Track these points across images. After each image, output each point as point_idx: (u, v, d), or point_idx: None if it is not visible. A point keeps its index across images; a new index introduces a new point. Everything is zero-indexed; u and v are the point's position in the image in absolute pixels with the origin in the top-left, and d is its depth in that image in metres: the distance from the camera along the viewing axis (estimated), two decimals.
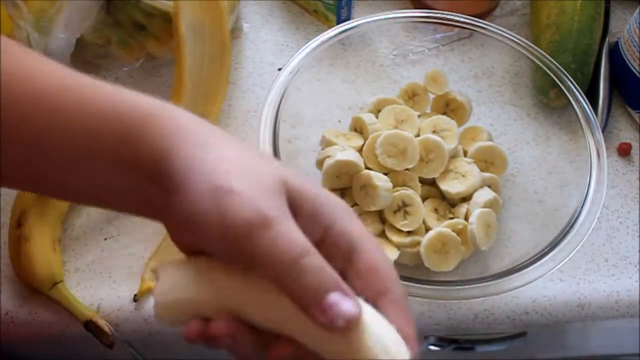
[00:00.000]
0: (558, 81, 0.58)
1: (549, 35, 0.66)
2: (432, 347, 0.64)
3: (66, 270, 0.55)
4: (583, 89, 0.60)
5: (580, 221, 0.50)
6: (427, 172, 0.55)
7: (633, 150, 0.64)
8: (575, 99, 0.57)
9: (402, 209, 0.53)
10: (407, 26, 0.64)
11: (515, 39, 0.60)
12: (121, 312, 0.53)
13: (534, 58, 0.59)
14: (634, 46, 0.63)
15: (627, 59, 0.65)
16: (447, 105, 0.61)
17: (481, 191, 0.55)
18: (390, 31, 0.65)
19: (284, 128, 0.54)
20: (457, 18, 0.61)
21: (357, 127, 0.59)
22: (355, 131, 0.59)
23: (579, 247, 0.49)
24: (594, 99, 0.65)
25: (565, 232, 0.50)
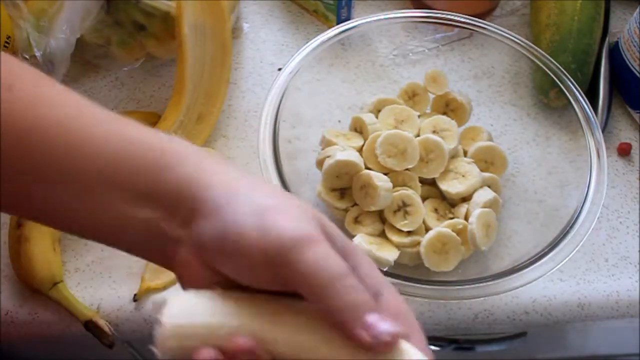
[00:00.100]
0: (558, 81, 0.58)
1: (549, 35, 0.66)
2: (432, 347, 0.64)
3: (66, 270, 0.55)
4: (583, 89, 0.60)
5: (580, 221, 0.50)
6: (427, 172, 0.55)
7: (633, 150, 0.64)
8: (575, 99, 0.57)
9: (402, 209, 0.53)
10: (407, 26, 0.64)
11: (515, 39, 0.60)
12: (121, 312, 0.53)
13: (534, 58, 0.59)
14: (634, 46, 0.63)
15: (627, 59, 0.65)
16: (447, 105, 0.61)
17: (481, 191, 0.55)
18: (390, 31, 0.65)
19: (284, 128, 0.54)
20: (457, 18, 0.61)
21: (357, 127, 0.59)
22: (355, 131, 0.59)
23: (579, 247, 0.49)
24: (594, 99, 0.65)
25: (565, 232, 0.50)
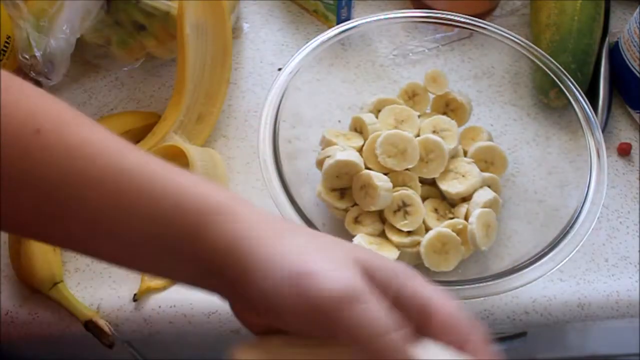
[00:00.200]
0: (558, 81, 0.58)
1: (549, 35, 0.66)
2: None
3: (66, 270, 0.55)
4: (583, 89, 0.59)
5: (580, 221, 0.50)
6: (427, 172, 0.55)
7: (633, 150, 0.64)
8: (575, 99, 0.57)
9: (402, 209, 0.53)
10: (407, 26, 0.64)
11: (515, 39, 0.60)
12: (121, 312, 0.53)
13: (534, 58, 0.59)
14: (634, 46, 0.63)
15: (627, 59, 0.65)
16: (447, 105, 0.60)
17: (481, 191, 0.55)
18: (390, 31, 0.65)
19: (284, 128, 0.54)
20: (457, 18, 0.61)
21: (357, 127, 0.59)
22: (355, 131, 0.59)
23: (579, 247, 0.49)
24: (594, 99, 0.65)
25: (565, 232, 0.50)
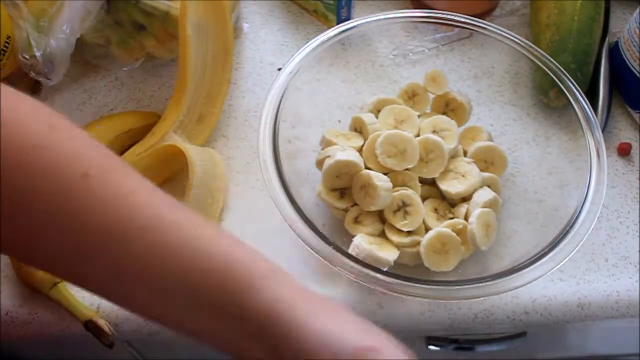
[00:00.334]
0: (558, 81, 0.58)
1: (549, 35, 0.66)
2: (432, 347, 0.64)
3: None
4: (583, 89, 0.59)
5: (580, 221, 0.50)
6: (427, 172, 0.55)
7: (633, 150, 0.64)
8: (575, 99, 0.57)
9: (402, 209, 0.53)
10: (407, 26, 0.64)
11: (515, 39, 0.60)
12: (121, 312, 0.53)
13: (534, 58, 0.59)
14: (634, 46, 0.63)
15: (627, 59, 0.65)
16: (447, 105, 0.61)
17: (481, 191, 0.55)
18: (390, 31, 0.65)
19: (284, 128, 0.54)
20: (457, 18, 0.61)
21: (357, 127, 0.59)
22: (355, 131, 0.59)
23: (579, 247, 0.49)
24: (594, 99, 0.65)
25: (565, 232, 0.50)
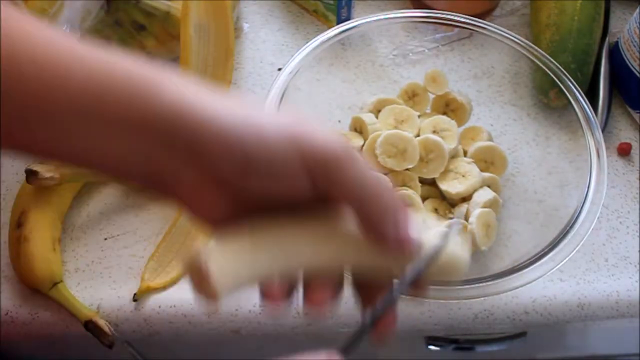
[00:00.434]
0: (558, 81, 0.58)
1: (549, 35, 0.66)
2: (432, 347, 0.64)
3: (66, 270, 0.55)
4: (583, 89, 0.59)
5: (580, 221, 0.50)
6: (427, 172, 0.55)
7: (633, 150, 0.64)
8: (575, 99, 0.56)
9: None
10: (407, 26, 0.64)
11: (515, 39, 0.60)
12: (121, 312, 0.53)
13: (534, 58, 0.59)
14: (634, 46, 0.63)
15: (627, 59, 0.65)
16: (447, 105, 0.60)
17: (481, 191, 0.55)
18: (390, 31, 0.65)
19: None
20: (457, 18, 0.61)
21: (357, 127, 0.59)
22: (355, 131, 0.59)
23: (579, 247, 0.48)
24: (594, 99, 0.65)
25: (565, 232, 0.49)
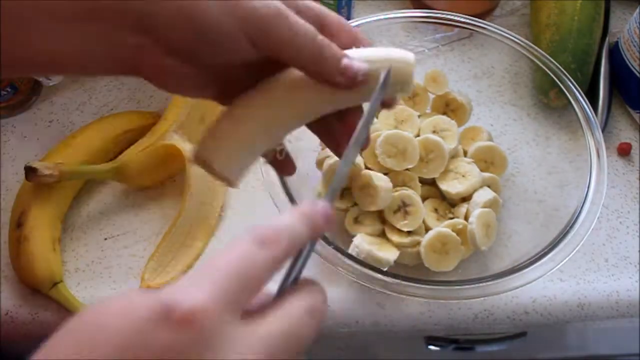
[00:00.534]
0: (558, 81, 0.58)
1: (549, 35, 0.66)
2: (432, 347, 0.64)
3: (66, 270, 0.55)
4: (583, 89, 0.59)
5: (580, 221, 0.50)
6: (427, 172, 0.55)
7: (633, 150, 0.64)
8: (575, 99, 0.57)
9: (402, 209, 0.53)
10: (407, 26, 0.64)
11: (515, 39, 0.60)
12: None
13: (534, 58, 0.59)
14: (634, 46, 0.63)
15: (627, 59, 0.65)
16: (447, 105, 0.60)
17: (481, 191, 0.55)
18: (390, 31, 0.65)
19: None
20: (457, 18, 0.61)
21: None
22: None
23: (579, 247, 0.49)
24: (594, 99, 0.65)
25: (565, 232, 0.50)
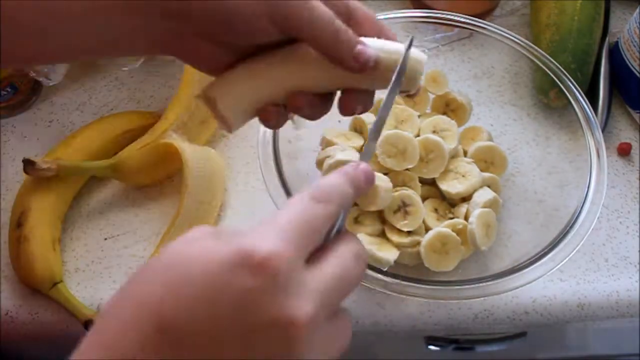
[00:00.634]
0: (558, 81, 0.58)
1: (549, 35, 0.66)
2: (432, 347, 0.64)
3: (66, 270, 0.55)
4: (583, 89, 0.59)
5: (580, 221, 0.50)
6: (427, 172, 0.55)
7: (633, 150, 0.64)
8: (575, 99, 0.57)
9: (402, 209, 0.53)
10: (407, 26, 0.64)
11: (515, 39, 0.60)
12: None
13: (534, 58, 0.59)
14: (634, 46, 0.63)
15: (627, 59, 0.65)
16: (447, 105, 0.60)
17: (481, 191, 0.55)
18: None
19: (283, 128, 0.54)
20: (457, 18, 0.61)
21: (357, 127, 0.59)
22: (355, 131, 0.59)
23: (579, 247, 0.49)
24: (594, 99, 0.65)
25: (565, 232, 0.50)
